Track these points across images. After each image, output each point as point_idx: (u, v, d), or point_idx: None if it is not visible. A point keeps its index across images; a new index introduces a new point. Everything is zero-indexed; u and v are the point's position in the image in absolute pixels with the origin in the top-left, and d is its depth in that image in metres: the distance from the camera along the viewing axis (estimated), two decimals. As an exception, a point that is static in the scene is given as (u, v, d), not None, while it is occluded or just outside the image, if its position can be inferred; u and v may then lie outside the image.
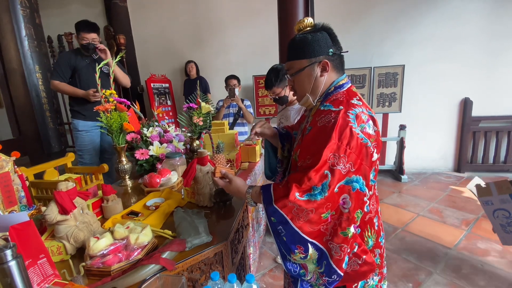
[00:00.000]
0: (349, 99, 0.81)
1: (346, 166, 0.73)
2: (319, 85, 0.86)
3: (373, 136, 0.78)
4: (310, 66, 0.85)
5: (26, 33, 2.43)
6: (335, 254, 0.75)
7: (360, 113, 0.77)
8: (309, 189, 0.73)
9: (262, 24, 3.72)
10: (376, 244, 0.87)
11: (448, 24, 3.47)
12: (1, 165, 0.94)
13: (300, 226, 0.74)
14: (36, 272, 0.73)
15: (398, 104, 3.57)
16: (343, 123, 0.74)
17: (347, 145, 0.73)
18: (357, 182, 0.75)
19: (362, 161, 0.75)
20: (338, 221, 0.75)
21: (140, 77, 4.31)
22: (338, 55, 0.87)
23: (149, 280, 0.78)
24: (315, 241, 0.75)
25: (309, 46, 0.83)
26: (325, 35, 0.84)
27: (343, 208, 0.75)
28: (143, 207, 1.21)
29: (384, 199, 3.07)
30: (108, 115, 1.42)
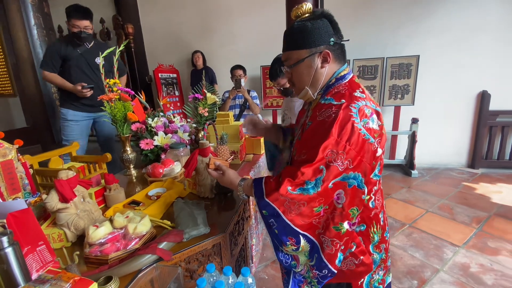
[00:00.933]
0: (352, 91, 0.76)
1: (344, 163, 0.70)
2: (320, 77, 0.81)
3: (377, 131, 0.73)
4: (310, 57, 0.79)
5: (35, 22, 2.45)
6: (327, 247, 0.74)
7: (364, 107, 0.73)
8: (302, 183, 0.71)
9: (271, 13, 3.62)
10: (382, 239, 0.85)
11: (466, 13, 3.28)
12: (4, 153, 0.95)
13: (291, 219, 0.73)
14: (35, 259, 0.75)
15: (411, 96, 3.45)
16: (344, 117, 0.71)
17: (347, 141, 0.69)
18: (355, 179, 0.72)
19: (363, 158, 0.71)
20: (331, 215, 0.74)
21: (148, 67, 4.31)
22: (340, 44, 0.81)
23: (146, 270, 0.79)
24: (306, 233, 0.74)
25: (309, 35, 0.77)
26: (325, 23, 0.78)
27: (336, 203, 0.73)
28: (145, 197, 1.22)
29: (392, 194, 3.00)
30: (112, 105, 1.42)
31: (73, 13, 2.03)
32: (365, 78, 3.53)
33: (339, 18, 2.87)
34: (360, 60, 3.49)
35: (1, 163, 0.94)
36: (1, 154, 0.95)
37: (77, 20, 2.04)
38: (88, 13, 2.11)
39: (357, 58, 3.51)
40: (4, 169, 0.94)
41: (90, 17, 2.13)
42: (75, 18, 2.04)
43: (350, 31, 3.62)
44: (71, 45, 2.15)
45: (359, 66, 3.51)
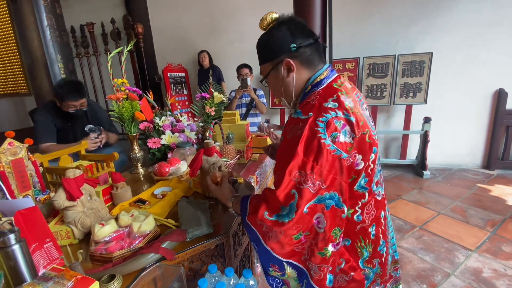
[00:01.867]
0: (322, 101, 0.69)
1: (315, 184, 0.65)
2: (289, 86, 0.79)
3: (350, 145, 0.67)
4: (274, 69, 0.78)
5: (47, 23, 2.51)
6: (315, 274, 0.70)
7: (333, 119, 0.66)
8: (277, 208, 0.67)
9: (278, 11, 3.59)
10: (374, 254, 0.79)
11: (482, 8, 3.15)
12: (15, 152, 0.98)
13: (271, 247, 0.69)
14: (42, 256, 0.77)
15: (423, 95, 3.35)
16: (310, 134, 0.66)
17: (314, 160, 0.64)
18: (332, 199, 0.67)
19: (336, 175, 0.66)
20: (314, 241, 0.69)
21: (157, 67, 4.36)
22: (307, 46, 0.75)
23: (148, 269, 0.79)
24: (291, 260, 0.71)
25: (268, 48, 0.77)
26: (283, 30, 0.75)
27: (318, 228, 0.68)
28: (151, 196, 1.23)
29: (403, 195, 2.94)
30: (120, 104, 1.45)
31: (67, 95, 1.82)
32: (375, 76, 3.45)
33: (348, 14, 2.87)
34: (370, 58, 3.42)
35: (12, 162, 0.96)
36: (12, 152, 0.97)
37: (74, 101, 1.85)
38: (82, 88, 1.92)
39: (367, 55, 3.43)
40: (15, 167, 0.97)
41: (85, 92, 1.96)
42: (71, 100, 1.84)
43: (359, 28, 3.57)
44: (62, 118, 1.94)
45: (369, 63, 3.43)
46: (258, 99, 2.82)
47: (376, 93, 3.50)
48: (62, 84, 1.84)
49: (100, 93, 4.45)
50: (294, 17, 0.78)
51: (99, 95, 4.49)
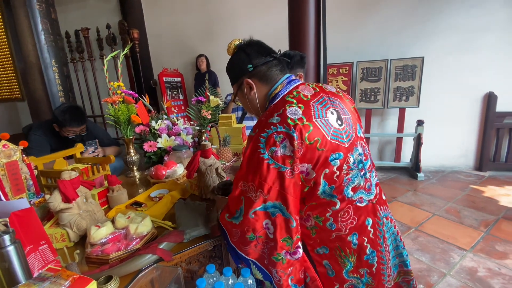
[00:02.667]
0: (269, 117, 0.74)
1: (256, 194, 0.71)
2: (254, 103, 0.88)
3: (290, 157, 0.69)
4: (239, 89, 0.88)
5: (42, 28, 2.50)
6: (275, 278, 0.75)
7: (273, 135, 0.70)
8: (234, 212, 0.76)
9: (274, 17, 3.64)
10: (359, 264, 0.79)
11: (472, 13, 3.25)
12: (9, 154, 0.97)
13: (235, 243, 0.78)
14: (37, 258, 0.75)
15: (416, 98, 3.42)
16: (251, 150, 0.73)
17: (253, 173, 0.71)
18: (276, 208, 0.72)
19: (277, 187, 0.70)
20: (268, 245, 0.74)
21: (153, 71, 4.37)
22: (263, 64, 0.83)
23: (146, 270, 0.79)
24: (255, 261, 0.77)
25: (232, 71, 0.88)
26: (240, 54, 0.85)
27: (269, 234, 0.73)
28: (147, 198, 1.23)
29: (398, 197, 2.96)
30: (116, 107, 1.44)
31: (69, 122, 1.80)
32: (369, 80, 3.51)
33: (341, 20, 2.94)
34: (363, 62, 3.48)
35: (6, 164, 0.95)
36: (6, 155, 0.96)
37: (75, 127, 1.84)
38: (83, 116, 1.90)
39: (361, 60, 3.49)
40: (9, 170, 0.96)
41: (86, 118, 1.93)
42: (72, 127, 1.83)
43: (353, 34, 3.63)
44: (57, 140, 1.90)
45: (362, 68, 3.49)
46: None
47: (370, 97, 3.55)
48: (64, 110, 1.80)
49: (94, 98, 4.43)
50: (251, 40, 0.87)
51: (93, 100, 4.47)
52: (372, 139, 3.86)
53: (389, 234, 0.87)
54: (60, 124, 1.80)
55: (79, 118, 1.84)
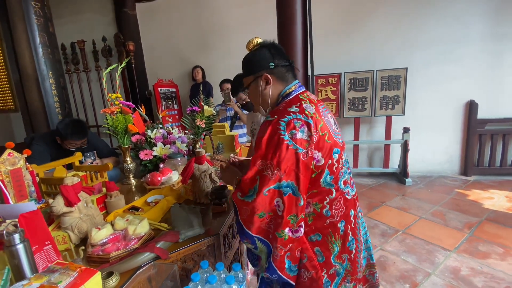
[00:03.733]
0: (287, 106, 0.84)
1: (274, 172, 0.77)
2: (266, 97, 0.95)
3: (306, 141, 0.79)
4: (255, 81, 0.95)
5: (40, 41, 2.58)
6: (274, 254, 0.79)
7: (293, 120, 0.79)
8: (246, 191, 0.80)
9: (265, 29, 3.77)
10: (343, 249, 0.88)
11: (452, 26, 3.46)
12: (14, 162, 1.03)
13: (243, 220, 0.81)
14: (42, 258, 0.81)
15: (401, 106, 3.57)
16: (272, 132, 0.80)
17: (273, 153, 0.78)
18: (289, 187, 0.78)
19: (293, 166, 0.78)
20: (275, 221, 0.79)
21: (148, 82, 4.45)
22: (283, 67, 0.93)
23: (144, 267, 0.85)
24: (260, 236, 0.81)
25: (252, 64, 0.94)
26: (264, 51, 0.93)
27: (278, 211, 0.79)
28: (144, 203, 1.28)
29: (387, 201, 3.06)
30: (113, 117, 1.52)
31: (71, 136, 1.85)
32: (356, 90, 3.66)
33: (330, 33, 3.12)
34: (351, 73, 3.64)
35: (10, 171, 1.01)
36: (11, 162, 1.02)
37: (77, 140, 1.89)
38: (85, 130, 1.94)
39: (348, 71, 3.66)
40: (13, 177, 1.02)
41: (87, 131, 1.97)
42: (74, 140, 1.88)
43: (341, 46, 3.81)
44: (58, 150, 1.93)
45: (350, 78, 3.65)
46: (241, 111, 2.95)
47: (358, 106, 3.70)
48: (68, 124, 1.86)
49: (89, 108, 4.47)
50: (275, 43, 0.96)
51: (88, 110, 4.51)
52: (361, 146, 3.99)
53: (362, 228, 0.99)
54: (63, 137, 1.86)
55: (82, 132, 1.90)
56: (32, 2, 2.55)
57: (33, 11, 2.55)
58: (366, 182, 3.73)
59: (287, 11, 2.22)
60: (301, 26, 2.26)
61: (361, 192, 3.39)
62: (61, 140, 1.89)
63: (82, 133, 1.90)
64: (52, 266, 0.64)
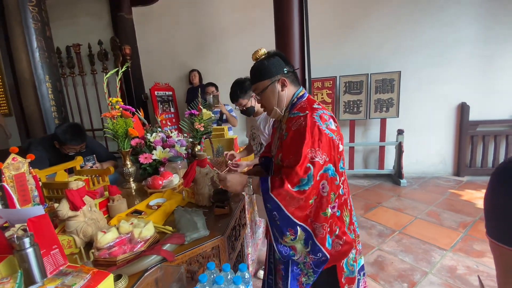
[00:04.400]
0: (311, 104, 0.98)
1: (322, 157, 0.88)
2: (283, 98, 1.04)
3: (335, 131, 0.94)
4: (272, 84, 1.02)
5: (37, 45, 2.57)
6: (318, 233, 0.90)
7: (322, 114, 0.94)
8: (297, 181, 0.87)
9: (261, 34, 3.84)
10: (350, 221, 1.03)
11: (444, 30, 3.56)
12: (18, 166, 1.03)
13: (292, 212, 0.89)
14: (49, 261, 0.81)
15: (395, 109, 3.64)
16: (311, 123, 0.90)
17: (319, 140, 0.89)
18: (330, 169, 0.91)
19: (331, 151, 0.91)
20: (319, 203, 0.90)
21: (144, 86, 4.45)
22: (292, 72, 1.05)
23: (151, 269, 0.86)
24: (303, 224, 0.91)
25: (267, 69, 1.01)
26: (278, 59, 1.02)
27: (322, 192, 0.90)
28: (146, 207, 1.29)
29: (383, 202, 3.11)
30: (114, 121, 1.52)
31: (70, 141, 1.85)
32: (351, 93, 3.73)
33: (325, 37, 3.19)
34: (346, 77, 3.71)
35: (14, 176, 1.02)
36: (15, 167, 1.03)
37: (75, 145, 1.89)
38: (84, 134, 1.94)
39: (343, 74, 3.72)
40: (17, 182, 1.02)
41: (86, 136, 1.97)
42: (72, 144, 1.88)
43: (336, 50, 3.88)
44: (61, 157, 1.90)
45: (345, 82, 3.71)
46: (229, 113, 2.98)
47: (353, 108, 3.76)
48: (66, 129, 1.86)
49: (84, 112, 4.44)
50: (281, 52, 1.06)
51: (83, 114, 4.48)
52: (357, 148, 4.05)
53: None
54: (61, 142, 1.86)
55: (80, 136, 1.90)
56: (30, 7, 2.54)
57: (31, 16, 2.54)
58: (361, 183, 3.78)
59: (284, 15, 2.26)
60: (298, 30, 2.30)
61: (357, 193, 3.44)
62: (59, 145, 1.89)
63: (81, 138, 1.90)
64: (64, 269, 0.65)
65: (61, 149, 1.90)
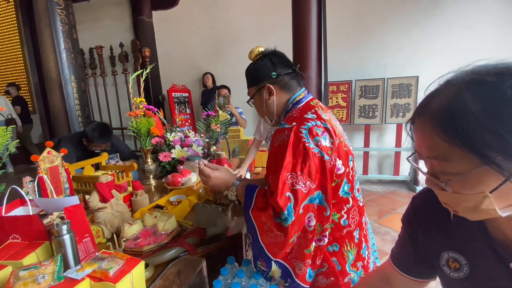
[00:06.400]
0: (303, 114, 0.80)
1: (306, 184, 0.71)
2: (271, 106, 0.91)
3: (330, 149, 0.76)
4: (258, 92, 0.92)
5: (64, 47, 2.71)
6: (299, 271, 0.76)
7: (313, 127, 0.75)
8: (278, 214, 0.70)
9: (278, 38, 3.87)
10: (358, 257, 0.86)
11: (462, 36, 3.48)
12: (52, 160, 1.11)
13: (266, 244, 0.75)
14: (81, 249, 0.87)
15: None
16: (295, 139, 0.73)
17: (302, 162, 0.71)
18: (317, 198, 0.74)
19: (321, 175, 0.73)
20: (304, 239, 0.74)
21: (162, 87, 4.58)
22: (286, 74, 0.89)
23: (174, 260, 0.90)
24: (279, 260, 0.76)
25: (253, 75, 0.92)
26: (265, 61, 0.89)
27: (308, 227, 0.74)
28: (167, 202, 1.35)
29: (397, 209, 3.06)
30: (138, 120, 1.59)
31: (98, 139, 1.96)
32: (367, 97, 3.70)
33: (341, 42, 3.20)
34: (361, 81, 3.68)
35: (49, 169, 1.09)
36: (50, 160, 1.10)
37: (102, 144, 2.01)
38: (111, 133, 2.07)
39: (359, 78, 3.70)
40: (51, 174, 1.09)
41: (112, 135, 2.10)
42: (99, 143, 1.99)
43: (352, 54, 3.87)
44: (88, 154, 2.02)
45: (360, 86, 3.69)
46: (239, 115, 3.04)
47: (368, 113, 3.73)
48: (94, 128, 1.97)
49: (104, 111, 4.61)
50: (276, 50, 0.93)
51: (103, 113, 4.65)
52: (372, 153, 4.00)
53: (369, 232, 0.96)
54: (89, 140, 1.97)
55: (107, 135, 2.01)
56: (59, 10, 2.69)
57: (59, 19, 2.69)
58: (375, 189, 3.73)
59: (302, 19, 2.29)
60: (316, 34, 2.32)
61: (371, 199, 3.39)
62: (87, 142, 2.00)
63: (107, 137, 2.01)
64: (100, 255, 0.69)
65: (88, 146, 2.01)
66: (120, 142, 2.34)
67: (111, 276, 0.61)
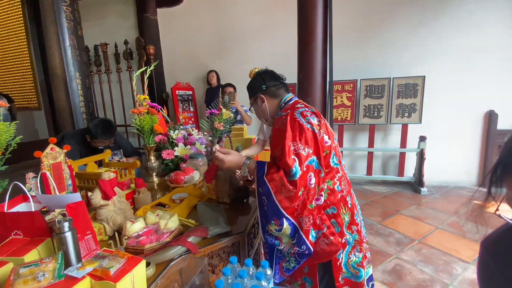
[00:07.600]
0: (294, 105, 1.06)
1: (305, 150, 0.92)
2: (265, 111, 1.18)
3: (318, 125, 0.99)
4: (255, 102, 1.21)
5: (69, 43, 2.71)
6: (305, 225, 0.93)
7: (304, 111, 1.00)
8: (288, 171, 0.90)
9: (282, 36, 3.87)
10: (352, 221, 1.03)
11: (471, 36, 3.43)
12: (55, 156, 1.10)
13: (280, 200, 0.91)
14: (82, 246, 0.86)
15: (418, 115, 3.54)
16: (291, 119, 0.97)
17: (300, 134, 0.94)
18: (314, 161, 0.95)
19: (314, 144, 0.96)
20: (307, 196, 0.93)
21: (166, 85, 4.58)
22: (273, 86, 1.15)
23: (176, 259, 0.89)
24: (289, 217, 0.92)
25: (250, 89, 1.22)
26: (258, 78, 1.18)
27: (309, 184, 0.93)
28: (169, 200, 1.34)
29: (402, 210, 3.03)
30: (141, 118, 1.59)
31: (101, 136, 1.96)
32: (372, 97, 3.66)
33: (347, 41, 3.18)
34: (367, 80, 3.64)
35: (52, 165, 1.08)
36: (53, 157, 1.09)
37: (105, 140, 2.00)
38: (114, 130, 2.06)
39: (364, 78, 3.66)
40: (54, 170, 1.09)
41: (115, 131, 2.08)
42: (103, 139, 1.98)
43: (357, 53, 3.83)
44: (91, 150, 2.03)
45: (366, 85, 3.65)
46: (244, 111, 3.04)
47: (373, 113, 3.68)
48: (97, 124, 1.97)
49: (108, 108, 4.63)
50: (266, 69, 1.21)
51: (107, 110, 4.66)
52: (376, 153, 3.96)
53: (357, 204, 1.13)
54: (93, 136, 1.97)
55: (110, 132, 2.01)
56: (64, 7, 2.69)
57: (64, 15, 2.69)
58: (379, 190, 3.69)
59: (308, 17, 2.26)
60: (321, 32, 2.30)
61: (375, 199, 3.37)
62: (90, 139, 2.00)
63: (111, 133, 2.01)
64: (101, 253, 0.69)
65: (92, 142, 2.01)
66: (124, 139, 2.34)
67: (111, 275, 0.60)
